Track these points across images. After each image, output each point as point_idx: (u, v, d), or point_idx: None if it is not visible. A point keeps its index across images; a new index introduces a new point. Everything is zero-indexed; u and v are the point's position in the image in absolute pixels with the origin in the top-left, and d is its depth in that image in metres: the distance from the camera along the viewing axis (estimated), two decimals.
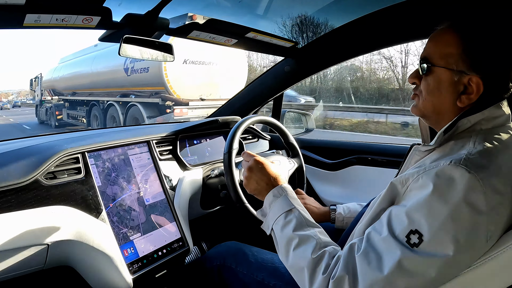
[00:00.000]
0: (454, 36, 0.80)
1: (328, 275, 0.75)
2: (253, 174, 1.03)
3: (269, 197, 0.97)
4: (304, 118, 2.36)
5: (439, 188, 0.69)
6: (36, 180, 1.12)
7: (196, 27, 1.37)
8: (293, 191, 0.99)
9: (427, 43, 0.86)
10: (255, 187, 1.03)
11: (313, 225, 0.89)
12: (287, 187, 0.99)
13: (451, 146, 0.78)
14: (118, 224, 1.25)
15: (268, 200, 0.97)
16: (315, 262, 0.79)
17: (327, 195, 1.93)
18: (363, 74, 17.35)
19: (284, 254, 0.87)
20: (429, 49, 0.84)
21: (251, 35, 1.55)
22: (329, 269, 0.76)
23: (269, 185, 1.00)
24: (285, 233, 0.88)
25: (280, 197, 0.95)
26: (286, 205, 0.92)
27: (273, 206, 0.95)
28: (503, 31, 0.77)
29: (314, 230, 0.87)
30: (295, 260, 0.83)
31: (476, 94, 0.78)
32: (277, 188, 0.98)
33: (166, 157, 1.55)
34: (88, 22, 1.08)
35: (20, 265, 1.09)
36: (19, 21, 0.98)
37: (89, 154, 1.28)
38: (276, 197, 0.95)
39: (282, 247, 0.87)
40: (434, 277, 0.67)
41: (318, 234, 0.86)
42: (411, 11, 1.40)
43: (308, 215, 0.92)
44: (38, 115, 14.71)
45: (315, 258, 0.79)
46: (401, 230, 0.71)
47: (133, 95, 8.67)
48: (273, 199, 0.96)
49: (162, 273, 1.33)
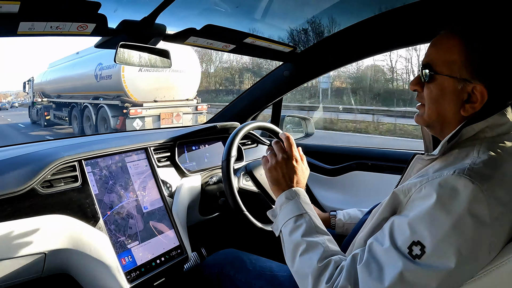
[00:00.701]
0: (457, 42, 0.77)
1: (331, 284, 0.74)
2: (284, 166, 1.02)
3: (281, 198, 0.96)
4: (304, 123, 2.34)
5: (442, 199, 0.67)
6: (33, 188, 1.11)
7: (193, 33, 1.36)
8: (307, 196, 0.98)
9: (428, 48, 0.83)
10: (278, 178, 1.02)
11: (323, 232, 0.88)
12: (301, 191, 0.98)
13: (454, 155, 0.77)
14: (115, 233, 1.24)
15: (280, 201, 0.96)
16: (320, 271, 0.78)
17: (327, 201, 1.92)
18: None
19: (291, 258, 0.86)
20: (431, 55, 0.82)
21: (249, 40, 1.54)
22: (332, 279, 0.75)
23: (288, 185, 0.99)
24: (294, 238, 0.87)
25: (292, 200, 0.94)
26: (297, 209, 0.91)
27: (284, 208, 0.94)
28: (507, 38, 0.75)
29: (323, 238, 0.86)
30: (301, 266, 0.82)
31: (480, 103, 0.76)
32: (290, 191, 0.97)
33: (164, 163, 1.54)
34: (83, 29, 1.07)
35: (18, 273, 1.09)
36: (13, 29, 0.97)
37: (86, 162, 1.27)
38: (288, 200, 0.95)
39: (289, 251, 0.87)
40: None
41: (326, 242, 0.85)
42: (411, 15, 1.39)
43: (319, 221, 0.91)
44: (31, 115, 15.80)
45: (321, 267, 0.78)
46: (403, 241, 0.69)
47: (101, 98, 10.08)
48: (284, 200, 0.95)
49: (161, 281, 1.32)
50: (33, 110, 15.16)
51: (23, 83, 16.45)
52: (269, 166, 1.04)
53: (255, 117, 2.12)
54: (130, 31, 1.23)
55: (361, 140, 9.77)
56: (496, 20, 0.80)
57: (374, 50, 1.64)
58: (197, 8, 1.42)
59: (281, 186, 1.00)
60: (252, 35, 1.50)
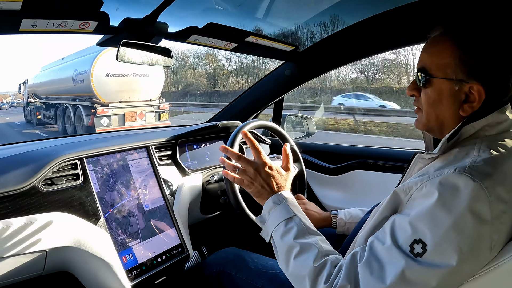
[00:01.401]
0: (449, 44, 0.78)
1: (330, 284, 0.74)
2: (258, 177, 0.98)
3: (269, 203, 0.94)
4: (305, 122, 2.34)
5: (443, 197, 0.67)
6: (34, 186, 1.11)
7: (195, 31, 1.36)
8: (294, 199, 0.96)
9: (421, 53, 0.84)
10: (258, 190, 0.98)
11: (314, 233, 0.88)
12: (287, 194, 0.96)
13: (455, 153, 0.77)
14: (116, 231, 1.24)
15: (268, 207, 0.95)
16: (317, 271, 0.77)
17: (328, 200, 1.91)
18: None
19: (285, 262, 0.85)
20: (425, 59, 0.82)
21: (251, 39, 1.54)
22: (331, 278, 0.75)
23: (272, 191, 0.97)
24: (286, 241, 0.86)
25: (280, 204, 0.92)
26: (286, 213, 0.90)
27: (272, 213, 0.92)
28: (498, 34, 0.75)
29: (315, 238, 0.85)
30: (296, 268, 0.81)
31: (478, 102, 0.76)
32: (277, 195, 0.95)
33: (165, 162, 1.54)
34: (85, 27, 1.07)
35: (19, 271, 1.09)
36: (15, 26, 0.97)
37: (88, 160, 1.27)
38: (276, 204, 0.93)
39: (282, 255, 0.86)
40: (435, 286, 0.66)
41: (319, 242, 0.84)
42: (413, 14, 1.39)
43: (309, 222, 0.90)
44: (25, 115, 16.90)
45: (317, 267, 0.78)
46: (405, 239, 0.69)
47: (77, 99, 11.41)
48: (272, 205, 0.93)
49: (162, 280, 1.32)
50: (27, 110, 16.33)
51: (19, 85, 17.62)
52: (245, 184, 1.00)
53: (256, 116, 2.12)
54: (132, 29, 1.23)
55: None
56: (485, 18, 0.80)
57: (376, 48, 1.64)
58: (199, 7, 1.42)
59: (264, 196, 0.97)
60: (253, 34, 1.50)
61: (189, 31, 1.36)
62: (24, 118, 16.98)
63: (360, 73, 20.77)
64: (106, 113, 10.35)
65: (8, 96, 30.73)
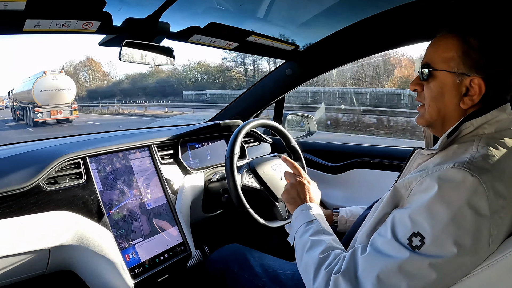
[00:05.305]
0: (454, 40, 0.80)
1: (330, 270, 0.77)
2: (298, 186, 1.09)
3: (297, 211, 1.02)
4: (306, 121, 2.34)
5: (442, 191, 0.68)
6: (37, 185, 1.12)
7: (197, 31, 1.37)
8: (320, 209, 1.04)
9: (427, 49, 0.86)
10: (293, 197, 1.08)
11: (330, 234, 0.92)
12: (314, 205, 1.04)
13: (454, 150, 0.78)
14: (119, 229, 1.25)
15: (296, 214, 1.02)
16: (321, 261, 0.81)
17: (330, 198, 1.92)
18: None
19: (300, 258, 0.89)
20: (430, 54, 0.85)
21: (252, 38, 1.55)
22: (331, 265, 0.78)
23: (302, 201, 1.06)
24: (302, 239, 0.91)
25: (306, 210, 1.00)
26: (308, 217, 0.97)
27: (298, 219, 1.00)
28: (502, 31, 0.77)
29: (328, 237, 0.89)
30: (306, 261, 0.85)
31: (478, 95, 0.78)
32: (304, 205, 1.03)
33: (167, 161, 1.54)
34: (88, 27, 1.08)
35: (22, 269, 1.09)
36: (18, 26, 0.98)
37: (90, 159, 1.28)
38: (303, 211, 1.01)
39: (299, 251, 0.90)
40: (435, 279, 0.67)
41: (331, 240, 0.88)
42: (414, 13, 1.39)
43: (328, 226, 0.96)
44: (12, 114, 24.25)
45: (322, 258, 0.81)
46: (404, 232, 0.71)
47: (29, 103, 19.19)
48: (299, 212, 1.01)
49: (164, 278, 1.33)
50: (13, 110, 23.75)
51: (8, 92, 25.80)
52: (287, 186, 1.11)
53: (257, 115, 2.12)
54: (135, 29, 1.24)
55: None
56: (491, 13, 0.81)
57: (377, 47, 1.64)
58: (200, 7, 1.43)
59: (296, 203, 1.05)
60: (255, 33, 1.51)
61: (191, 30, 1.36)
62: (12, 116, 24.49)
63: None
64: (40, 111, 18.31)
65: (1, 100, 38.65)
